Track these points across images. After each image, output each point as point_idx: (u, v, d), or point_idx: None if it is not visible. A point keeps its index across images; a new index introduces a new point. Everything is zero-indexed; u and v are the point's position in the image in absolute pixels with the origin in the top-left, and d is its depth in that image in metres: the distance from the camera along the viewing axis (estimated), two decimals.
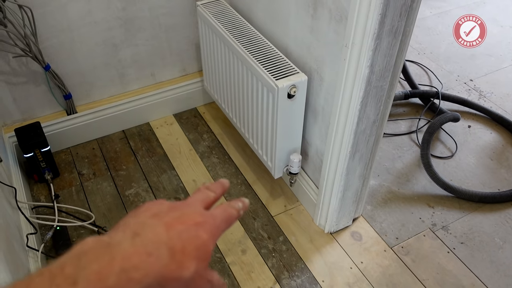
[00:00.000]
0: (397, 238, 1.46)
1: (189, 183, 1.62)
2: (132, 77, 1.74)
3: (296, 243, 1.44)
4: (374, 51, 0.99)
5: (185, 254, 0.34)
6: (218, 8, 1.52)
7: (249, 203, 0.45)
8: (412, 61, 2.25)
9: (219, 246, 1.43)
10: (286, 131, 1.31)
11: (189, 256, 0.34)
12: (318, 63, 1.20)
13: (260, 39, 1.37)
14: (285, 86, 1.19)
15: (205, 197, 0.42)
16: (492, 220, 1.52)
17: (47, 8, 1.43)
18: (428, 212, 1.54)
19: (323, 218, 1.44)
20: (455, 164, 1.72)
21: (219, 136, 1.81)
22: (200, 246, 0.35)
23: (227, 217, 0.40)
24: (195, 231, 0.35)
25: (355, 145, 1.20)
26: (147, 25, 1.63)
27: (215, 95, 1.69)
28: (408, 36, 1.04)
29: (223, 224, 0.39)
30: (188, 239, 0.34)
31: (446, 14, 2.62)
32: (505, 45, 2.35)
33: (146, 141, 1.79)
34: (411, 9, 0.97)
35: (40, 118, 1.64)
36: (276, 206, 1.55)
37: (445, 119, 1.75)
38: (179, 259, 0.33)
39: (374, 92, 1.09)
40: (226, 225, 0.40)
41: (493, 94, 2.05)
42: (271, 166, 1.43)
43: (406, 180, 1.66)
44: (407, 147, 1.79)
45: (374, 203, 1.57)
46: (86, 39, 1.56)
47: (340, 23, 1.05)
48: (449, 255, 1.41)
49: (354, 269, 1.37)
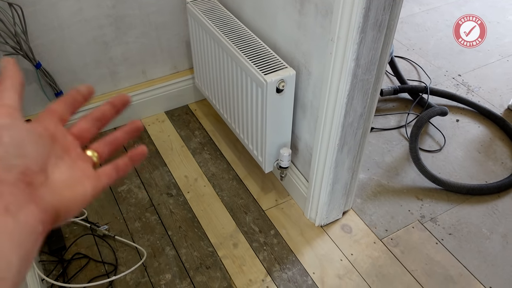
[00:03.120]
0: (386, 230, 1.48)
1: (181, 179, 1.64)
2: (123, 75, 1.75)
3: (287, 236, 1.46)
4: (359, 45, 1.01)
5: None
6: (207, 5, 1.54)
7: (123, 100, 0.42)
8: (401, 57, 2.28)
9: (210, 240, 1.44)
10: (276, 125, 1.33)
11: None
12: (306, 57, 1.21)
13: (249, 35, 1.39)
14: (274, 80, 1.21)
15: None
16: (479, 211, 1.55)
17: (37, 6, 1.44)
18: (417, 204, 1.57)
19: (314, 211, 1.46)
20: (443, 157, 1.75)
21: (210, 132, 1.82)
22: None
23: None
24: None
25: (343, 138, 1.22)
26: (137, 23, 1.64)
27: (206, 92, 1.71)
28: (393, 30, 1.06)
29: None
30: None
31: (434, 10, 2.65)
32: (492, 41, 2.38)
33: (138, 138, 1.80)
34: (394, 3, 0.99)
35: (31, 116, 1.65)
36: (267, 200, 1.56)
37: (433, 113, 1.78)
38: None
39: (360, 85, 1.11)
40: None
41: (481, 88, 2.09)
42: (262, 161, 1.44)
43: (395, 173, 1.68)
44: (396, 141, 1.82)
45: (364, 196, 1.59)
46: (77, 37, 1.57)
47: (326, 17, 1.07)
48: (437, 246, 1.44)
49: (344, 261, 1.39)
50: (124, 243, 1.43)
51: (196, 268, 1.37)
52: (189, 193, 1.59)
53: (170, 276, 1.35)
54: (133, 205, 1.55)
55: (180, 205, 1.55)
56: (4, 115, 0.32)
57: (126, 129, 0.42)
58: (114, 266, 1.37)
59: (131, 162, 0.41)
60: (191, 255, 1.40)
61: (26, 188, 0.30)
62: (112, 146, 0.41)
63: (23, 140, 0.32)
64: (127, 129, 0.43)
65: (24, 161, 0.31)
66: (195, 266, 1.38)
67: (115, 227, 1.48)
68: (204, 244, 1.43)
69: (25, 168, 0.31)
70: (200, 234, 1.46)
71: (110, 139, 0.41)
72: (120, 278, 1.34)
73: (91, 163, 0.38)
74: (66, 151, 0.36)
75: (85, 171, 0.36)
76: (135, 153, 0.42)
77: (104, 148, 0.41)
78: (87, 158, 0.38)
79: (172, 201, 1.56)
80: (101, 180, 0.37)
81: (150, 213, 1.53)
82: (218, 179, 1.64)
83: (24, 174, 0.30)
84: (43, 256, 1.38)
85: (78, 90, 0.40)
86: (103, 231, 1.44)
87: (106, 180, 0.38)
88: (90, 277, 1.35)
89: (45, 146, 0.34)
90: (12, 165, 0.30)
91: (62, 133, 0.37)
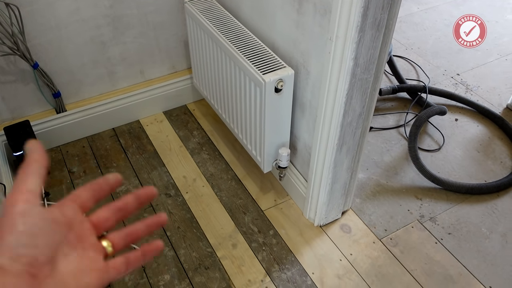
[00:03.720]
0: (385, 230, 1.48)
1: (180, 179, 1.63)
2: (121, 75, 1.75)
3: (286, 237, 1.45)
4: (358, 44, 1.00)
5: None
6: (205, 5, 1.53)
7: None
8: (400, 56, 2.27)
9: (209, 241, 1.44)
10: (274, 125, 1.33)
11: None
12: (305, 57, 1.21)
13: (247, 34, 1.38)
14: (272, 80, 1.20)
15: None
16: (479, 211, 1.55)
17: (34, 6, 1.43)
18: (416, 204, 1.56)
19: (313, 211, 1.46)
20: (442, 157, 1.74)
21: (209, 132, 1.82)
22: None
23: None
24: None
25: (342, 138, 1.22)
26: (135, 23, 1.64)
27: (204, 91, 1.70)
28: (391, 29, 1.06)
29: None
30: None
31: (433, 10, 2.65)
32: (491, 40, 2.38)
33: (136, 139, 1.79)
34: (393, 2, 0.98)
35: (29, 116, 1.65)
36: (266, 200, 1.56)
37: (432, 112, 1.77)
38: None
39: (359, 84, 1.10)
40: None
41: (480, 87, 2.08)
42: (260, 161, 1.44)
43: (394, 173, 1.68)
44: (395, 141, 1.81)
45: (363, 196, 1.59)
46: (74, 37, 1.56)
47: (324, 16, 1.06)
48: (437, 246, 1.43)
49: (343, 261, 1.39)
50: None
51: (195, 269, 1.37)
52: (187, 193, 1.59)
53: (168, 277, 1.35)
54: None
55: (178, 206, 1.54)
56: (23, 201, 0.32)
57: (148, 222, 0.41)
58: None
59: (144, 257, 0.40)
60: (189, 256, 1.40)
61: (31, 280, 0.30)
62: (130, 238, 0.40)
63: (37, 229, 0.32)
64: (149, 222, 0.41)
65: (34, 251, 0.31)
66: (194, 266, 1.37)
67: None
68: (203, 245, 1.43)
69: (33, 259, 0.30)
70: (198, 234, 1.46)
71: (130, 231, 0.40)
72: (118, 279, 1.33)
73: (103, 254, 0.38)
74: (80, 239, 0.36)
75: (95, 262, 0.36)
76: (149, 248, 0.40)
77: (121, 240, 0.40)
78: (100, 248, 0.37)
79: (170, 202, 1.56)
80: (109, 273, 0.37)
81: (149, 213, 1.52)
82: (216, 179, 1.63)
83: (31, 265, 0.30)
84: None
85: (106, 179, 0.40)
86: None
87: (115, 274, 0.37)
88: None
89: (58, 234, 0.33)
90: (21, 255, 0.30)
91: (80, 220, 0.37)
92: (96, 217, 0.39)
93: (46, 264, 0.31)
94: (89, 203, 0.38)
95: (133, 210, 0.41)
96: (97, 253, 0.37)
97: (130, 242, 0.40)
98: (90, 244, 0.36)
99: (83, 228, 0.37)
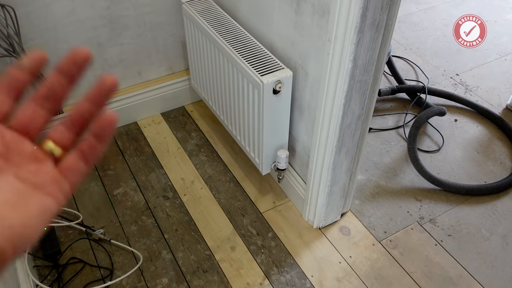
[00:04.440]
0: (385, 232, 1.47)
1: (178, 181, 1.62)
2: (118, 76, 1.72)
3: (285, 239, 1.44)
4: (356, 45, 0.99)
5: None
6: (203, 5, 1.52)
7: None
8: (399, 57, 2.26)
9: (208, 243, 1.43)
10: (273, 127, 1.31)
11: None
12: (303, 58, 1.20)
13: (245, 35, 1.37)
14: (270, 82, 1.19)
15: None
16: (478, 212, 1.54)
17: (30, 8, 1.42)
18: (416, 205, 1.55)
19: (312, 213, 1.44)
20: (442, 158, 1.73)
21: (207, 134, 1.81)
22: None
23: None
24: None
25: (341, 140, 1.21)
26: (132, 24, 1.63)
27: (202, 93, 1.69)
28: (391, 30, 1.05)
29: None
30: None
31: (432, 9, 2.64)
32: (490, 40, 2.37)
33: (134, 140, 1.78)
34: (392, 2, 0.97)
35: None
36: (264, 202, 1.55)
37: (431, 113, 1.77)
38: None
39: (358, 86, 1.09)
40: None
41: (479, 88, 2.07)
42: (259, 163, 1.43)
43: (394, 174, 1.67)
44: (394, 142, 1.80)
45: (362, 198, 1.58)
46: (71, 39, 1.55)
47: (322, 17, 1.05)
48: (436, 248, 1.42)
49: (343, 264, 1.38)
50: (120, 247, 1.41)
51: (193, 272, 1.35)
52: (185, 195, 1.57)
53: (166, 280, 1.33)
54: (129, 208, 1.53)
55: (176, 208, 1.53)
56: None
57: (93, 94, 0.30)
58: (110, 271, 1.35)
59: (99, 139, 0.29)
60: (188, 259, 1.39)
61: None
62: (77, 126, 0.30)
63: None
64: (94, 93, 0.30)
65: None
66: (192, 269, 1.36)
67: (111, 230, 1.46)
68: (201, 248, 1.42)
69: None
70: (197, 237, 1.45)
71: (73, 117, 0.30)
72: (116, 282, 1.32)
73: (51, 160, 0.29)
74: (6, 157, 0.27)
75: (38, 175, 0.27)
76: (101, 124, 0.29)
77: (66, 132, 0.30)
78: (43, 155, 0.28)
79: (168, 204, 1.54)
80: (67, 178, 0.28)
81: (146, 216, 1.51)
82: (215, 181, 1.62)
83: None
84: (37, 261, 1.36)
85: (21, 63, 0.28)
86: (98, 235, 1.42)
87: (75, 176, 0.29)
88: (85, 282, 1.33)
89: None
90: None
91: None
92: (21, 118, 0.28)
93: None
94: (5, 105, 0.28)
95: (64, 89, 0.29)
96: (40, 164, 0.28)
97: (80, 130, 0.30)
98: (25, 156, 0.27)
99: (6, 140, 0.27)
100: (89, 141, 0.30)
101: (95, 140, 0.30)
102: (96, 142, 0.30)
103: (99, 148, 0.30)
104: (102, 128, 0.29)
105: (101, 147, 0.30)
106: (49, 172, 0.28)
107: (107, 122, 0.29)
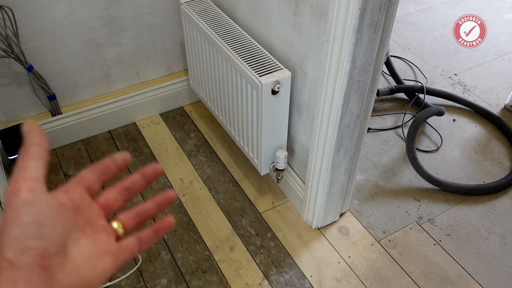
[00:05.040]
0: (384, 232, 1.47)
1: (176, 182, 1.62)
2: (117, 77, 1.73)
3: (284, 239, 1.44)
4: (355, 45, 0.99)
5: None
6: (201, 6, 1.52)
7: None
8: (397, 57, 2.27)
9: (207, 244, 1.43)
10: (271, 127, 1.32)
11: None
12: (301, 58, 1.20)
13: (243, 36, 1.37)
14: (269, 82, 1.19)
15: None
16: (477, 212, 1.54)
17: (28, 9, 1.42)
18: (414, 205, 1.56)
19: (310, 213, 1.45)
20: (440, 158, 1.74)
21: (206, 134, 1.81)
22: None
23: None
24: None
25: (340, 140, 1.21)
26: (131, 24, 1.63)
27: (201, 93, 1.69)
28: (389, 30, 1.05)
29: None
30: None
31: (430, 9, 2.64)
32: (488, 40, 2.38)
33: (133, 141, 1.78)
34: (390, 3, 0.98)
35: (24, 119, 1.63)
36: (263, 203, 1.55)
37: (429, 113, 1.77)
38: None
39: (356, 86, 1.09)
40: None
41: (477, 88, 2.08)
42: (258, 163, 1.43)
43: (393, 174, 1.67)
44: (393, 142, 1.81)
45: (361, 198, 1.58)
46: (69, 40, 1.55)
47: (321, 18, 1.05)
48: (435, 247, 1.43)
49: (342, 264, 1.38)
50: None
51: (192, 273, 1.36)
52: (184, 196, 1.57)
53: (166, 281, 1.34)
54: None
55: (175, 209, 1.53)
56: (26, 190, 0.30)
57: (158, 200, 0.41)
58: None
59: (156, 235, 0.39)
60: (187, 259, 1.39)
61: (43, 273, 0.28)
62: (140, 218, 0.39)
63: (43, 218, 0.30)
64: (159, 200, 0.41)
65: (43, 243, 0.29)
66: (191, 270, 1.36)
67: None
68: (200, 248, 1.42)
69: (43, 251, 0.29)
70: (196, 237, 1.45)
71: (139, 211, 0.39)
72: (115, 284, 1.32)
73: (114, 236, 0.36)
74: (89, 223, 0.34)
75: (107, 245, 0.35)
76: (161, 225, 0.39)
77: (131, 220, 0.39)
78: (111, 230, 0.36)
79: None
80: (122, 254, 0.36)
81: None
82: (213, 182, 1.62)
83: (42, 257, 0.29)
84: None
85: (113, 159, 0.38)
86: None
87: (128, 255, 0.36)
88: None
89: (67, 221, 0.32)
90: (29, 248, 0.28)
91: (87, 204, 0.35)
92: (104, 199, 0.37)
93: (57, 254, 0.30)
94: (96, 185, 0.37)
95: (140, 189, 0.40)
96: (108, 236, 0.35)
97: (141, 222, 0.39)
98: (100, 227, 0.35)
99: (92, 211, 0.35)
100: (148, 233, 0.39)
101: (153, 233, 0.39)
102: (153, 236, 0.39)
103: (153, 240, 0.39)
104: (162, 228, 0.39)
105: (155, 240, 0.39)
106: (113, 244, 0.35)
107: (167, 224, 0.40)
